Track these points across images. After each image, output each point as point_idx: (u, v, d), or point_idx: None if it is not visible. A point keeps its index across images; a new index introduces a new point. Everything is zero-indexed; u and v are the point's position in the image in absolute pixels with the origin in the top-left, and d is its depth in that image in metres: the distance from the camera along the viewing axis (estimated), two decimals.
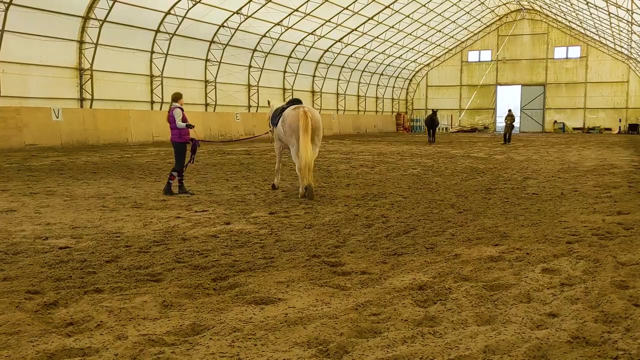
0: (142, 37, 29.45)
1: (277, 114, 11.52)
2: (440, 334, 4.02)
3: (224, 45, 34.25)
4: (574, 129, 53.92)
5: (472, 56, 58.09)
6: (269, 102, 13.02)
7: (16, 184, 12.48)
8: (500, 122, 37.67)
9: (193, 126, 11.52)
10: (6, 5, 22.32)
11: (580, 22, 48.50)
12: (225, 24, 32.91)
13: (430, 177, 14.89)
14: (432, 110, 35.68)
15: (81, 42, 26.65)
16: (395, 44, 48.66)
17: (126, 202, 10.16)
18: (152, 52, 30.46)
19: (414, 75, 59.79)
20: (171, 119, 11.16)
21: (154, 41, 30.19)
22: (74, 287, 5.10)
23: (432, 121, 34.10)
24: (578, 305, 4.59)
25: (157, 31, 29.89)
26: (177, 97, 11.42)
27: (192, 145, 11.32)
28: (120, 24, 27.46)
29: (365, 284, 5.28)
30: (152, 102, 30.98)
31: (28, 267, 5.78)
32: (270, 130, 12.62)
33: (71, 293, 4.90)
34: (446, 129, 56.56)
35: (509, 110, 34.03)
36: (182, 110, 11.26)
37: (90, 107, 27.40)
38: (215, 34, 33.27)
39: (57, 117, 24.85)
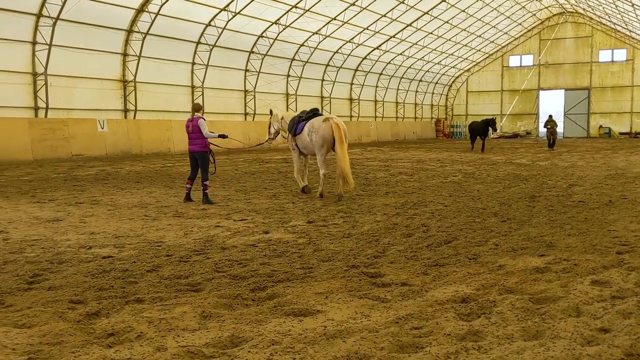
0: (184, 48, 30.00)
1: (295, 123, 12.20)
2: (485, 350, 3.88)
3: (263, 55, 34.57)
4: (621, 133, 52.27)
5: (514, 61, 57.09)
6: (271, 110, 13.42)
7: (62, 193, 12.81)
8: (542, 128, 35.49)
9: (227, 136, 11.76)
10: (54, 20, 23.07)
11: (626, 24, 47.14)
12: (264, 34, 33.24)
13: (472, 184, 14.61)
14: (492, 117, 32.92)
15: (125, 54, 27.31)
16: (435, 49, 48.23)
17: (168, 211, 10.28)
18: (194, 63, 30.98)
19: (453, 81, 59.12)
20: (195, 129, 11.30)
21: (195, 52, 30.71)
22: (115, 297, 5.15)
23: (485, 128, 31.29)
24: (631, 319, 4.36)
25: (198, 43, 30.40)
26: (198, 107, 11.64)
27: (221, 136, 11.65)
28: (162, 36, 28.06)
29: (406, 296, 5.16)
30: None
31: (72, 277, 5.88)
32: (270, 138, 13.36)
33: (113, 303, 4.95)
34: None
35: (550, 116, 33.09)
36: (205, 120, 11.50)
37: (134, 117, 28.01)
38: (254, 45, 33.63)
39: (102, 128, 25.49)
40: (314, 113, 12.23)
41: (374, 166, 20.69)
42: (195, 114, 11.43)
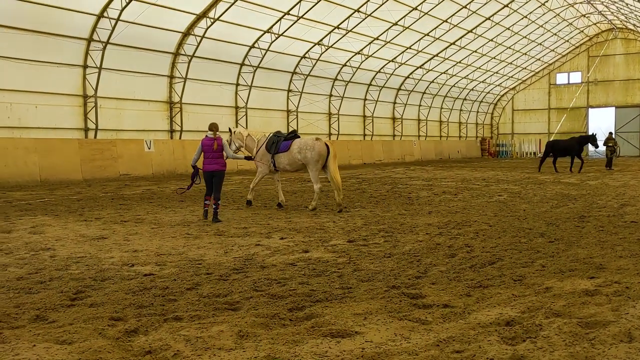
0: (228, 70, 30.57)
1: (275, 142, 13.32)
2: None
3: (306, 76, 34.89)
4: None
5: (561, 78, 55.86)
6: (230, 129, 13.90)
7: (109, 212, 13.10)
8: (602, 146, 32.01)
9: (252, 158, 12.93)
10: (104, 44, 23.89)
11: None
12: (306, 55, 33.57)
13: (518, 204, 14.24)
14: (593, 133, 29.54)
15: (171, 77, 28.02)
16: (479, 68, 47.71)
17: (209, 230, 10.37)
18: (237, 84, 31.51)
19: (498, 100, 58.24)
20: (220, 148, 11.56)
21: (239, 74, 31.24)
22: (154, 315, 5.17)
23: (580, 146, 28.19)
24: None
25: (242, 64, 30.93)
26: (217, 127, 11.84)
27: (194, 172, 11.89)
28: (207, 58, 28.68)
29: (448, 318, 5.01)
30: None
31: (113, 294, 5.95)
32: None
33: (152, 320, 4.97)
34: (534, 153, 54.49)
35: (610, 134, 31.90)
36: None
37: (180, 138, 28.60)
38: (297, 65, 33.99)
39: (149, 148, 26.10)
40: (295, 134, 13.67)
41: (417, 185, 20.46)
42: (217, 133, 11.69)
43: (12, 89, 21.78)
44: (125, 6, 22.94)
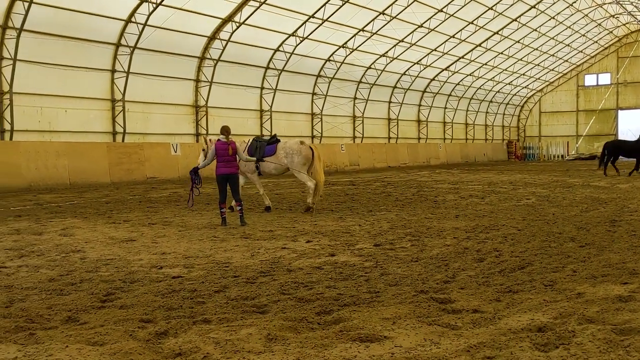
0: (253, 73, 30.79)
1: (257, 147, 13.45)
2: None
3: (330, 79, 34.92)
4: None
5: (589, 80, 54.99)
6: (205, 139, 13.17)
7: (137, 214, 13.26)
8: None
9: (264, 161, 13.14)
10: (131, 49, 24.24)
11: None
12: (331, 58, 33.61)
13: (547, 207, 14.02)
14: None
15: (197, 80, 28.30)
16: (505, 70, 47.23)
17: (235, 233, 10.42)
18: (262, 87, 31.68)
19: (525, 102, 57.57)
20: (234, 152, 11.55)
21: (263, 77, 31.41)
22: (183, 317, 5.20)
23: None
24: None
25: (267, 68, 31.10)
26: (230, 130, 11.78)
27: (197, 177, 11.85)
28: (232, 62, 28.90)
29: (478, 323, 4.94)
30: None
31: (143, 296, 6.00)
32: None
33: (181, 323, 5.00)
34: (562, 156, 53.72)
35: None
36: None
37: None
38: (321, 68, 34.05)
39: (176, 152, 26.39)
40: (277, 139, 13.85)
41: (443, 189, 20.30)
42: (230, 137, 11.71)
43: (42, 94, 22.25)
44: (153, 11, 23.26)
